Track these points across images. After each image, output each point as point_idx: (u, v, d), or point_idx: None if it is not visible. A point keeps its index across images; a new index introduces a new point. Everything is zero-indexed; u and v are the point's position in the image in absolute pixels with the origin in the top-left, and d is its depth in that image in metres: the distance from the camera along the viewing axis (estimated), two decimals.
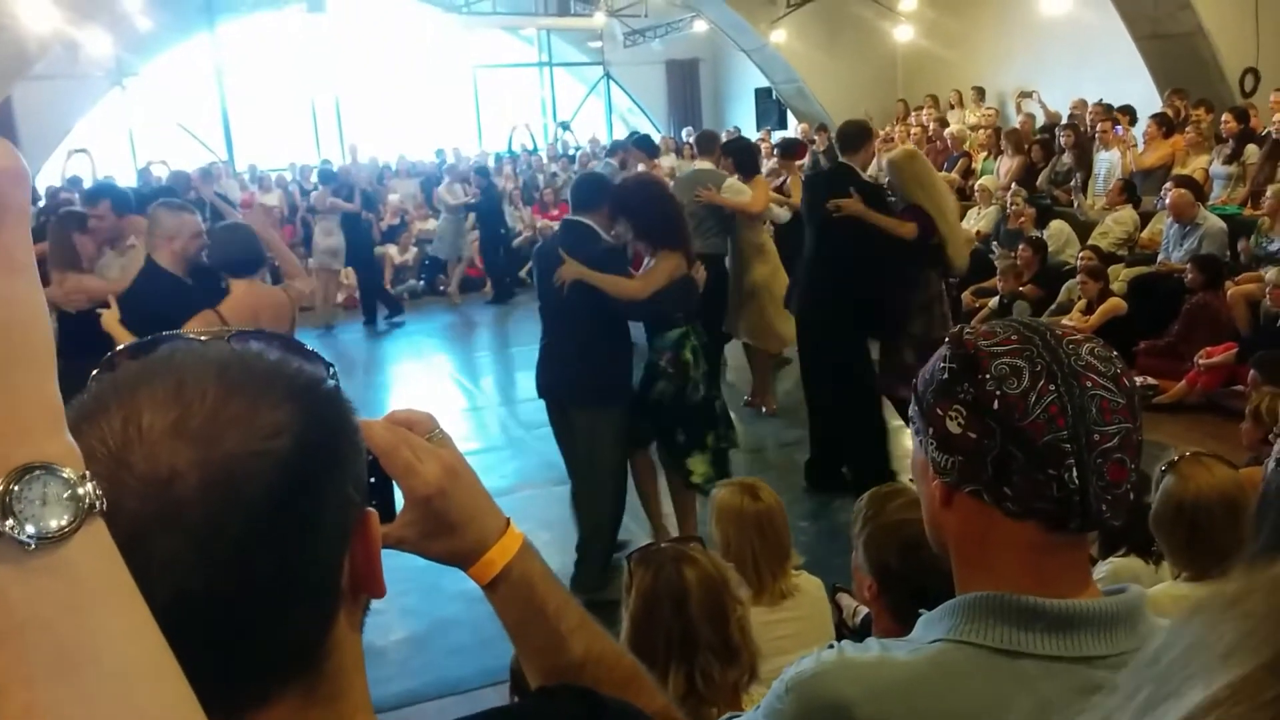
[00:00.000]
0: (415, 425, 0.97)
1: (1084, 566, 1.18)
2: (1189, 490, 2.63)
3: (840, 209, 5.75)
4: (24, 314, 0.54)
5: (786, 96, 17.71)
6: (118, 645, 0.54)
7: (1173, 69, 11.00)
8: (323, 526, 0.72)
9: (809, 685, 1.15)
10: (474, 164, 15.38)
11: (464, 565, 1.01)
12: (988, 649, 1.11)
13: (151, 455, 0.66)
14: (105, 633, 0.54)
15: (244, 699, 0.71)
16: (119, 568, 0.56)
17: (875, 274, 5.83)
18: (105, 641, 0.53)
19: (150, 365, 0.71)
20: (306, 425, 0.71)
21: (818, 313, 6.09)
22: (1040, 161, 11.27)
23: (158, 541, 0.65)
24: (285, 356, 0.76)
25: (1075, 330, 1.17)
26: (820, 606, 3.09)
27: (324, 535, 0.73)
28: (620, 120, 21.50)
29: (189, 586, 0.65)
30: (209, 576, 0.66)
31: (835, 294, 5.90)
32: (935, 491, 1.17)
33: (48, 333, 0.55)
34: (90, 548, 0.55)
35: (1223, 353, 7.30)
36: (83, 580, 0.54)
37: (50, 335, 0.56)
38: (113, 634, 0.54)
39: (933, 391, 1.16)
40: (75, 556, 0.54)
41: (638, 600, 2.34)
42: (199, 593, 0.65)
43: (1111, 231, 9.42)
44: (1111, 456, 1.08)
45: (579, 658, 1.04)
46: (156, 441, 0.66)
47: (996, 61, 14.39)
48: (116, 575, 0.56)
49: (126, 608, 0.56)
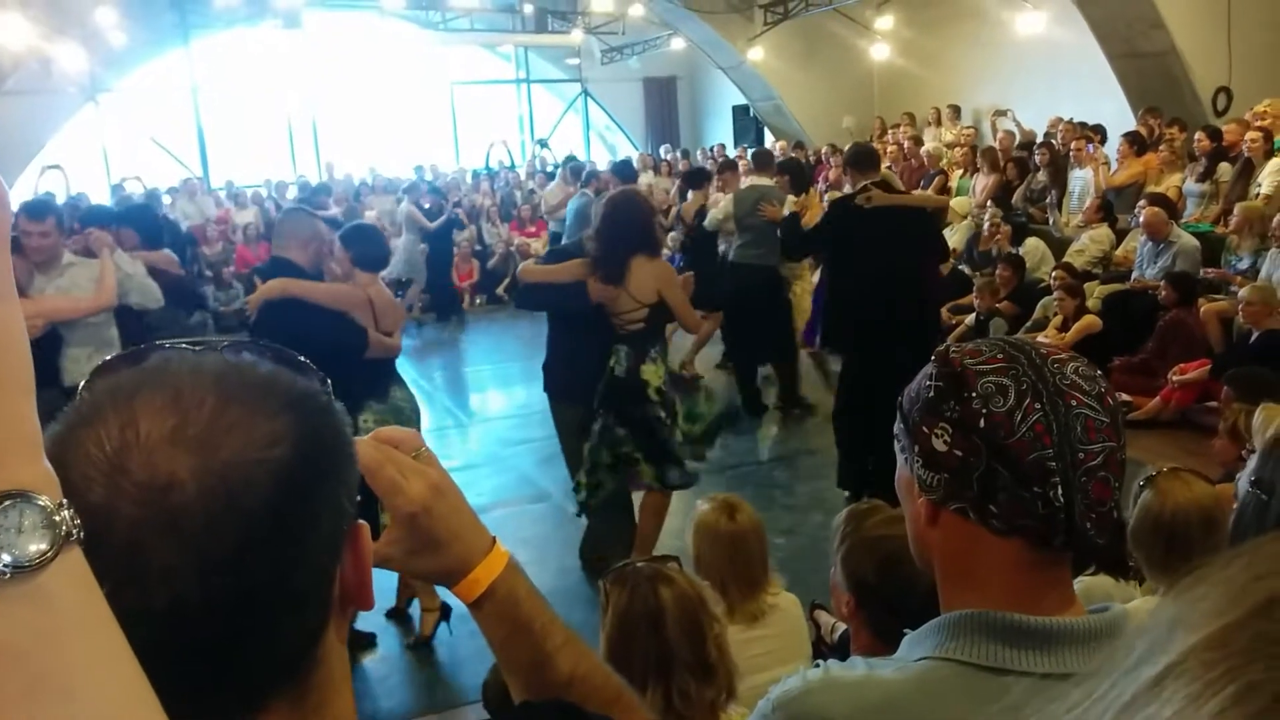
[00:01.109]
0: (401, 443, 0.98)
1: (1067, 584, 1.18)
2: (1167, 505, 2.64)
3: (870, 200, 6.07)
4: (2, 339, 0.54)
5: (764, 114, 17.80)
6: (94, 674, 0.54)
7: (1146, 88, 11.12)
8: (318, 536, 0.72)
9: (795, 704, 1.14)
10: (427, 185, 15.35)
11: (449, 583, 1.01)
12: (973, 666, 1.11)
13: (150, 462, 0.66)
14: (81, 662, 0.53)
15: (234, 708, 0.70)
16: (95, 596, 0.56)
17: (919, 285, 6.23)
18: (81, 671, 0.53)
19: (146, 373, 0.71)
20: (303, 435, 0.71)
21: (874, 325, 6.25)
22: (1016, 179, 11.35)
23: (155, 548, 0.64)
24: (279, 368, 0.76)
25: (1059, 349, 1.18)
26: (797, 624, 3.08)
27: (319, 545, 0.73)
28: (598, 137, 21.57)
29: (185, 593, 0.65)
30: (206, 584, 0.65)
31: (888, 306, 6.11)
32: (921, 509, 1.18)
33: (26, 358, 0.55)
34: (67, 576, 0.55)
35: (1196, 369, 7.37)
36: (59, 609, 0.54)
37: (28, 361, 0.55)
38: (89, 663, 0.54)
39: (919, 409, 1.17)
40: (51, 585, 0.54)
41: (614, 620, 2.32)
42: (195, 600, 0.65)
43: (1088, 249, 9.49)
44: (1096, 475, 1.09)
45: (565, 676, 1.04)
46: (155, 448, 0.66)
47: (972, 80, 14.52)
48: (93, 604, 0.56)
49: (103, 637, 0.55)
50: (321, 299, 4.60)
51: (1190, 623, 0.45)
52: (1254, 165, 8.92)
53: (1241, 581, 0.46)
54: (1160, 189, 9.48)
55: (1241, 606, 0.44)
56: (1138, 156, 10.07)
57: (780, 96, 16.78)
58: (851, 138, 14.76)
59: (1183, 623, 0.46)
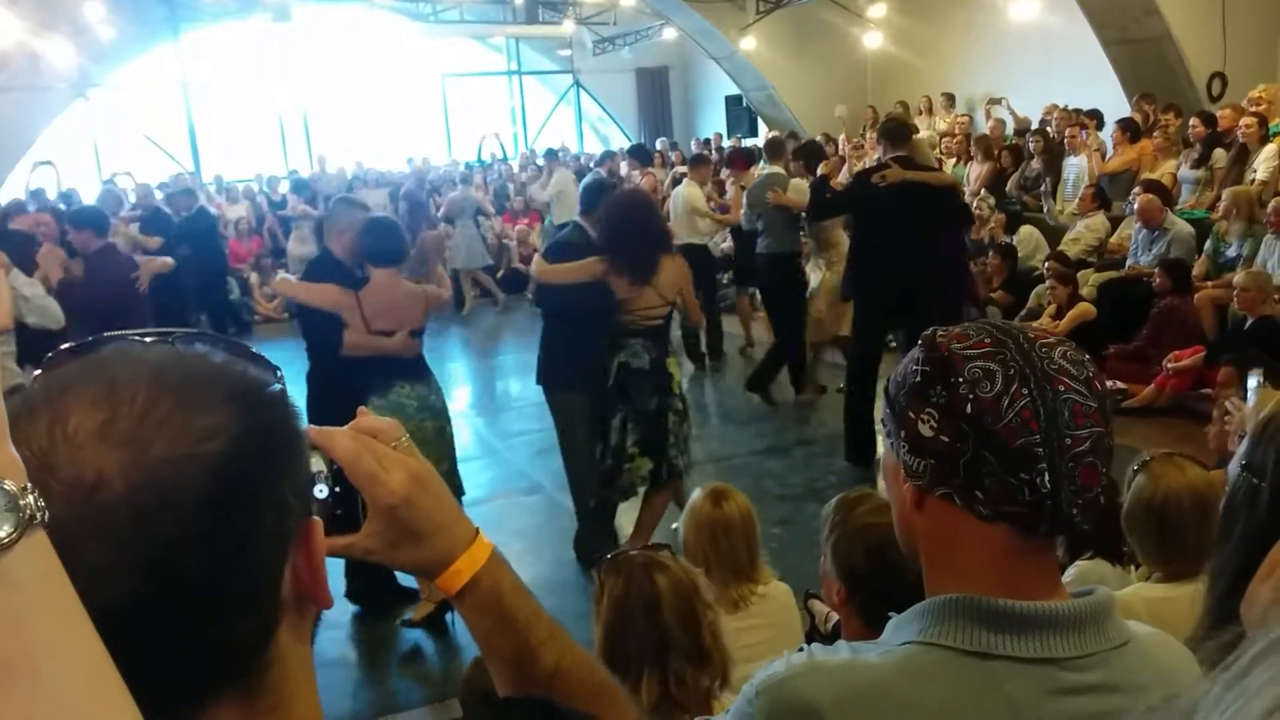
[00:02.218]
0: (380, 433, 0.95)
1: (1053, 570, 1.17)
2: (1160, 489, 2.64)
3: (885, 179, 6.28)
4: None
5: (757, 103, 17.77)
6: (59, 656, 0.54)
7: (1141, 74, 11.10)
8: (258, 534, 0.70)
9: (778, 689, 1.14)
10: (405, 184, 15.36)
11: (431, 575, 0.99)
12: (958, 651, 1.10)
13: (76, 459, 0.64)
14: (46, 643, 0.53)
15: (179, 708, 0.68)
16: (61, 578, 0.56)
17: (938, 254, 6.42)
18: (46, 652, 0.53)
19: (85, 367, 0.69)
20: (244, 429, 0.69)
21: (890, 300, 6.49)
22: (1010, 167, 11.34)
23: (84, 548, 0.62)
24: (230, 359, 0.73)
25: (1048, 334, 1.17)
26: (790, 614, 3.09)
27: (259, 543, 0.70)
28: (590, 129, 21.53)
29: (116, 594, 0.63)
30: (136, 584, 0.64)
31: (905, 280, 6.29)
32: (906, 494, 1.17)
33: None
34: (31, 558, 0.55)
35: (1191, 356, 7.36)
36: (24, 590, 0.54)
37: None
38: (54, 644, 0.54)
39: (905, 394, 1.16)
40: (16, 567, 0.54)
41: (610, 608, 2.33)
42: (126, 602, 0.63)
43: (1083, 238, 9.48)
44: (1083, 460, 1.08)
45: (549, 669, 1.02)
46: (82, 445, 0.64)
47: (966, 68, 14.50)
48: (58, 586, 0.56)
49: (68, 618, 0.55)
50: (305, 298, 4.73)
51: None
52: (1249, 151, 8.89)
53: None
54: (1155, 175, 9.46)
55: None
56: (1132, 143, 10.06)
57: (773, 86, 16.74)
58: (844, 127, 14.74)
59: None
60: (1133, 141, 10.07)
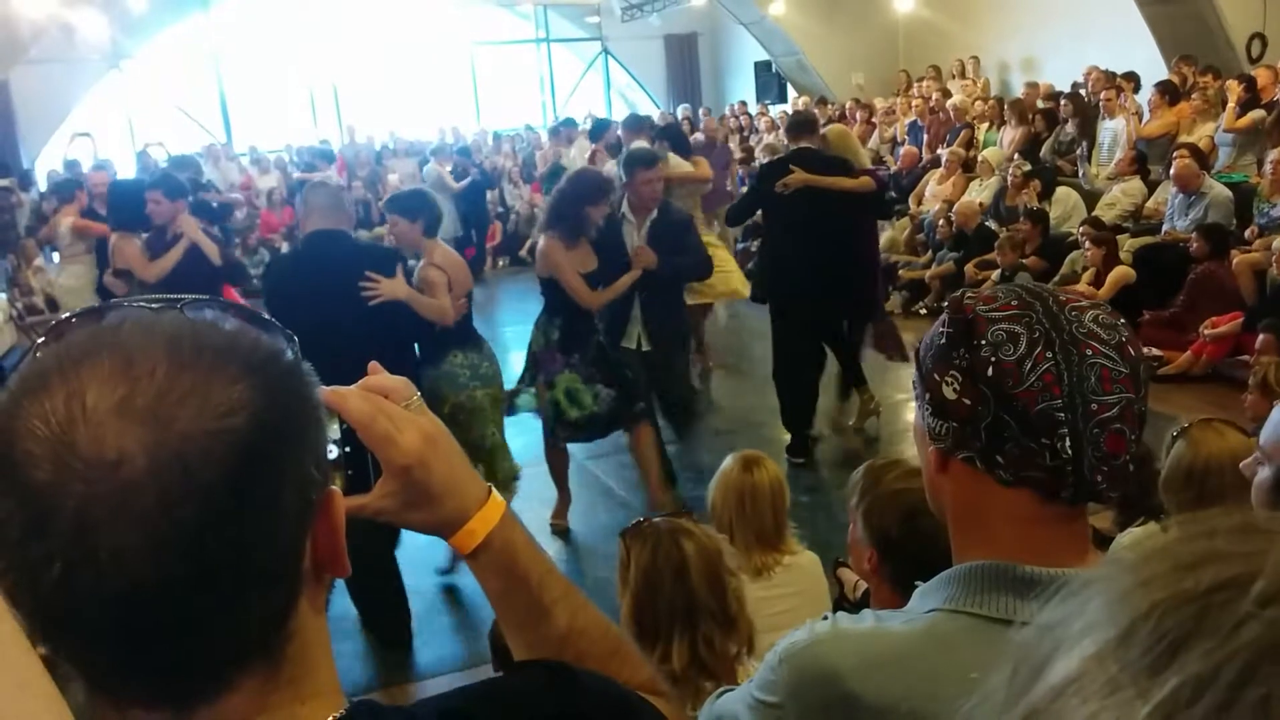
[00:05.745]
0: (392, 393, 0.94)
1: (1083, 537, 1.16)
2: (1200, 454, 2.63)
3: (788, 186, 5.96)
4: None
5: (787, 69, 17.59)
6: None
7: (1179, 35, 10.90)
8: (282, 508, 0.69)
9: (802, 656, 1.14)
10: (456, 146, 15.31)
11: (445, 534, 0.99)
12: (983, 618, 1.09)
13: (97, 436, 0.62)
14: None
15: (201, 686, 0.68)
16: None
17: (850, 251, 6.24)
18: None
19: (97, 337, 0.67)
20: (264, 402, 0.68)
21: (798, 294, 6.22)
22: (1044, 132, 11.17)
23: (106, 528, 0.62)
24: (242, 327, 0.72)
25: (1081, 296, 1.15)
26: (817, 582, 3.09)
27: (284, 517, 0.69)
28: (619, 96, 21.39)
29: (141, 576, 0.62)
30: (161, 565, 0.63)
31: (814, 273, 6.03)
32: (931, 457, 1.16)
33: None
34: None
35: (1228, 322, 7.26)
36: None
37: None
38: None
39: (931, 357, 1.15)
40: None
41: (638, 575, 2.36)
42: (151, 582, 0.62)
43: (1119, 203, 9.35)
44: (1110, 427, 1.06)
45: (562, 629, 1.02)
46: (102, 421, 0.63)
47: (1000, 31, 14.25)
48: None
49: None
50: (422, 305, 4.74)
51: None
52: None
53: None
54: (1193, 139, 9.29)
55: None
56: (1170, 106, 9.87)
57: (803, 52, 16.55)
58: (864, 94, 14.57)
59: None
60: (1171, 104, 9.88)
